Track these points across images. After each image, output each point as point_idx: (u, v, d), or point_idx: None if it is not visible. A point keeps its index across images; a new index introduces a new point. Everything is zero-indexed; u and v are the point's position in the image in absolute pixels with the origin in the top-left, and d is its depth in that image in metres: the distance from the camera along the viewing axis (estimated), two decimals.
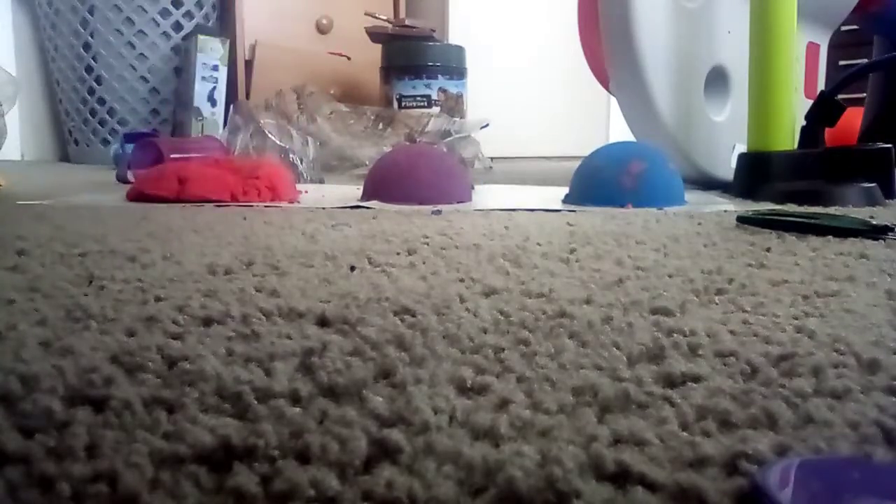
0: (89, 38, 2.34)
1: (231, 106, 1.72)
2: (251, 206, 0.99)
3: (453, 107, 2.29)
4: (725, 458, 0.23)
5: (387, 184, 1.05)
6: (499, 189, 1.34)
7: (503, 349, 0.33)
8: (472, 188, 1.16)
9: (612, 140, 2.15)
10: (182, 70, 2.41)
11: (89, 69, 2.38)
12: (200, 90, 2.34)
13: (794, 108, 1.21)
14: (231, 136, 1.58)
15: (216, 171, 1.06)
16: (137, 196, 1.05)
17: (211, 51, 2.35)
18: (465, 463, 0.22)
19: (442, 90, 2.31)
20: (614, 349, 0.34)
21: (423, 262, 0.55)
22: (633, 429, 0.25)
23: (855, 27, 1.82)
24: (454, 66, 2.36)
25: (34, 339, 0.34)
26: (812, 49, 1.52)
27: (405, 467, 0.22)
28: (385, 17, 2.57)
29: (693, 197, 1.11)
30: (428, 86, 2.30)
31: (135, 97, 2.40)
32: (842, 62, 2.14)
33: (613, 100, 1.61)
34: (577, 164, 1.11)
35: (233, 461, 0.22)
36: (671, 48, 1.30)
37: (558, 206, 1.02)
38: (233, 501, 0.21)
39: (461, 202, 1.04)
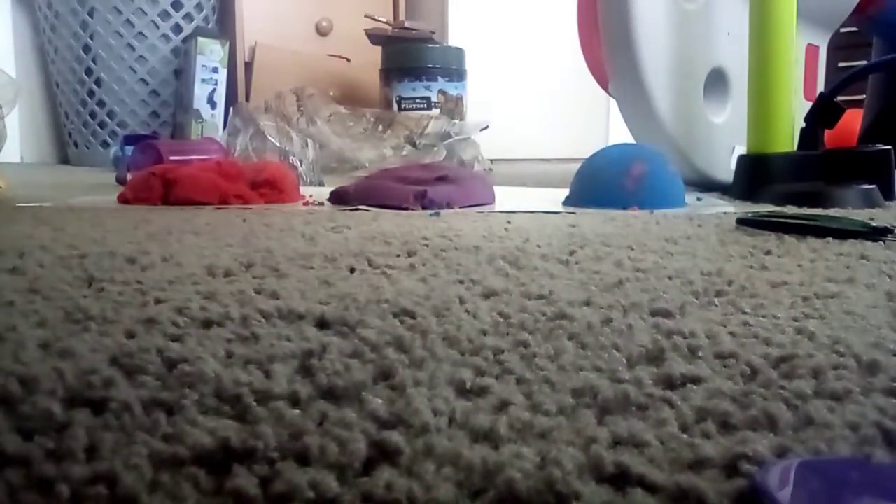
0: (89, 40, 2.34)
1: (231, 108, 1.72)
2: (250, 207, 0.99)
3: (453, 109, 2.30)
4: (725, 460, 0.23)
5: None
6: (499, 191, 1.34)
7: (503, 351, 0.33)
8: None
9: (612, 142, 2.15)
10: (182, 72, 2.41)
11: (89, 71, 2.38)
12: (200, 92, 2.34)
13: (794, 110, 1.21)
14: (231, 138, 1.58)
15: (206, 173, 1.05)
16: (126, 202, 1.05)
17: (211, 53, 2.35)
18: (465, 465, 0.22)
19: (441, 92, 2.31)
20: (614, 351, 0.34)
21: (423, 264, 0.55)
22: (632, 430, 0.25)
23: (854, 29, 1.82)
24: (454, 68, 2.36)
25: (34, 340, 0.34)
26: (811, 51, 1.52)
27: (404, 469, 0.22)
28: (385, 20, 2.58)
29: (693, 199, 1.11)
30: (427, 88, 2.30)
31: (134, 99, 2.40)
32: (841, 64, 2.14)
33: (613, 102, 1.61)
34: (576, 166, 1.11)
35: (232, 463, 0.22)
36: (671, 50, 1.30)
37: (558, 208, 1.02)
38: (232, 503, 0.21)
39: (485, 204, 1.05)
